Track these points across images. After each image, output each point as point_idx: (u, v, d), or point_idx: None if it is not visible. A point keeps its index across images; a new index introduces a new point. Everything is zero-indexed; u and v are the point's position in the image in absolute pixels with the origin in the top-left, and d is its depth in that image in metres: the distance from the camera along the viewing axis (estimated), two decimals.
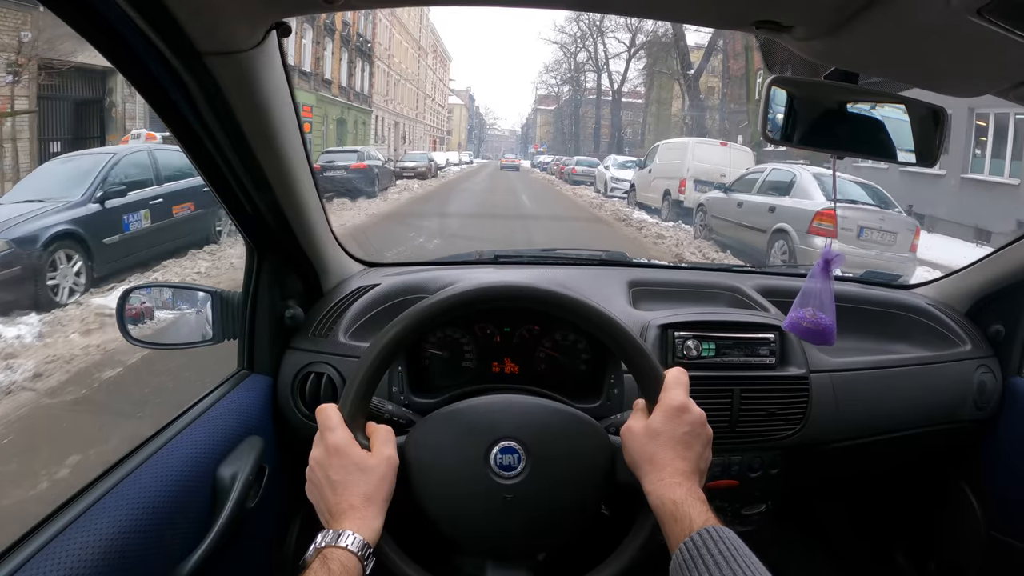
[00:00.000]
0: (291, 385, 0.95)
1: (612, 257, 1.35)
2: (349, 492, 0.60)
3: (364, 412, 0.66)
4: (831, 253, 0.83)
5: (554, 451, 0.66)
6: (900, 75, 0.76)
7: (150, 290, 1.03)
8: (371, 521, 0.59)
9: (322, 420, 0.64)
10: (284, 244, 0.92)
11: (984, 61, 0.65)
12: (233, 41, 0.60)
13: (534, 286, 0.69)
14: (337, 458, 0.61)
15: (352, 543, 0.57)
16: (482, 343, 0.98)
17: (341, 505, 0.60)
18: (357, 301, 1.02)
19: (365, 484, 0.61)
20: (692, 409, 0.64)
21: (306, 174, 0.85)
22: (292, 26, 0.64)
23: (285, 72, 0.71)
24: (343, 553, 0.56)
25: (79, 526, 0.62)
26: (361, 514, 0.59)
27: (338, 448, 0.62)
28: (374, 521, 0.60)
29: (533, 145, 63.81)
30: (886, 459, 1.19)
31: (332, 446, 0.62)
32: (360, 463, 0.61)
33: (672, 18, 0.66)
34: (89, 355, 3.51)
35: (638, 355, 0.68)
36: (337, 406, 0.65)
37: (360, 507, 0.59)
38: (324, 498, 0.61)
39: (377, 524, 0.60)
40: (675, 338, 1.00)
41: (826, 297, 0.82)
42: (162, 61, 0.59)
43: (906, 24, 0.57)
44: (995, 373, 1.17)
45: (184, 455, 0.77)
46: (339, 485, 0.61)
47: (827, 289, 0.82)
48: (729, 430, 0.98)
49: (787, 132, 0.75)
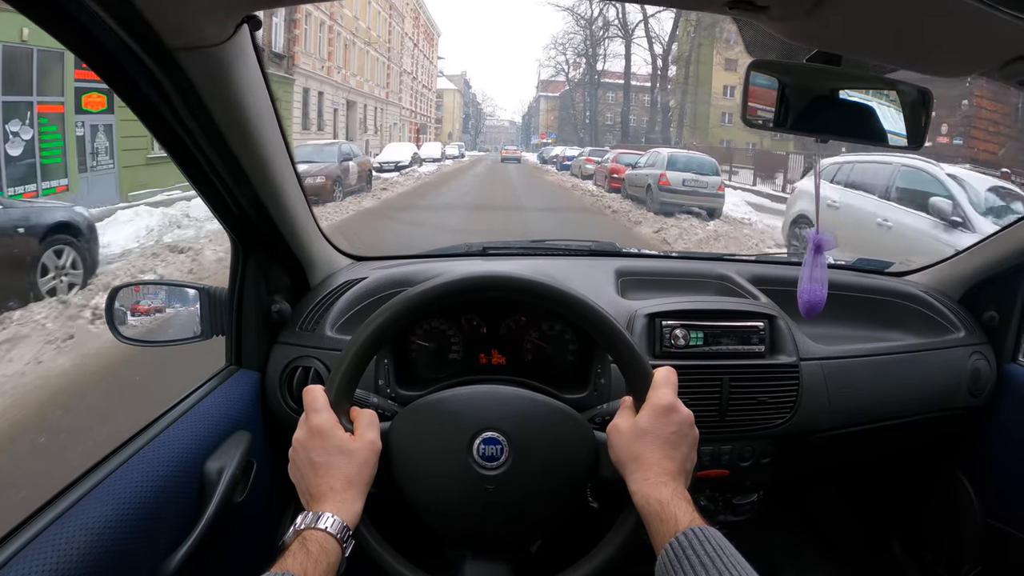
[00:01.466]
0: (279, 379, 0.96)
1: (601, 247, 1.35)
2: (330, 475, 0.61)
3: (349, 397, 0.67)
4: (819, 238, 0.83)
5: (537, 443, 0.66)
6: (883, 56, 0.75)
7: (139, 288, 1.04)
8: (351, 504, 0.60)
9: (308, 401, 0.64)
10: (268, 239, 0.91)
11: (969, 40, 0.64)
12: (203, 36, 0.59)
13: (523, 276, 0.69)
14: (320, 440, 0.62)
15: (331, 525, 0.57)
16: (468, 334, 0.98)
17: (322, 487, 0.60)
18: (344, 295, 1.02)
19: (346, 467, 0.61)
20: (680, 409, 0.64)
21: (287, 168, 0.85)
22: (262, 19, 0.63)
23: (260, 65, 0.70)
24: (322, 535, 0.56)
25: (65, 522, 0.62)
26: (341, 497, 0.60)
27: (322, 430, 0.62)
28: (354, 504, 0.60)
29: (539, 135, 54.54)
30: (880, 447, 1.18)
31: (316, 427, 0.62)
32: (342, 446, 0.62)
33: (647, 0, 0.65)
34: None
35: (627, 351, 0.67)
36: (324, 388, 0.65)
37: (340, 490, 0.60)
38: (305, 479, 0.62)
39: (357, 507, 0.60)
40: (663, 327, 0.99)
41: (820, 276, 0.85)
42: (133, 58, 0.58)
43: (886, 1, 0.56)
44: (989, 360, 1.16)
45: (171, 450, 0.77)
46: (321, 467, 0.61)
47: (822, 270, 0.85)
48: (719, 419, 0.98)
49: (771, 117, 0.75)
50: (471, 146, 66.48)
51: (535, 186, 17.54)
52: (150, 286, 1.05)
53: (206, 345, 1.01)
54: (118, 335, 0.96)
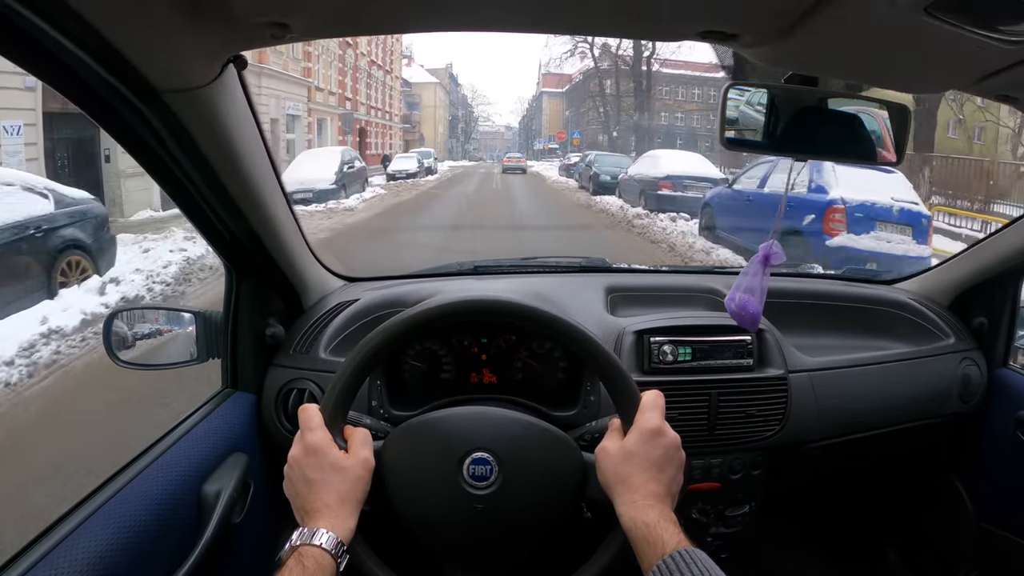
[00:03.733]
0: (274, 402, 0.97)
1: (592, 263, 1.36)
2: (325, 491, 0.62)
3: (343, 415, 0.68)
4: (770, 249, 0.84)
5: (526, 464, 0.67)
6: (859, 76, 0.77)
7: (135, 312, 1.06)
8: (345, 520, 0.61)
9: (303, 420, 0.66)
10: (261, 264, 0.93)
11: (942, 58, 0.65)
12: (189, 78, 0.61)
13: (514, 301, 0.70)
14: (315, 457, 0.63)
15: (326, 541, 0.58)
16: (460, 354, 0.99)
17: (316, 503, 0.61)
18: (337, 317, 1.04)
19: (340, 484, 0.62)
20: (667, 433, 0.65)
21: (278, 197, 0.87)
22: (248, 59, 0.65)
23: (247, 101, 0.72)
24: (317, 551, 0.58)
25: (67, 547, 0.63)
26: (336, 513, 0.61)
27: (316, 448, 0.64)
28: (348, 521, 0.62)
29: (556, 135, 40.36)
30: (871, 455, 1.19)
31: (310, 445, 0.64)
32: (336, 463, 0.63)
33: (617, 33, 0.67)
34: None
35: (616, 374, 0.69)
36: (319, 407, 0.67)
37: (335, 506, 0.61)
38: (300, 496, 0.63)
39: (351, 524, 0.62)
40: (651, 344, 1.00)
41: (757, 288, 0.86)
42: (122, 100, 0.60)
43: (855, 26, 0.57)
44: (979, 365, 1.17)
45: (169, 474, 0.79)
46: (315, 484, 0.62)
47: (761, 282, 0.85)
48: (708, 433, 0.99)
49: (745, 137, 0.76)
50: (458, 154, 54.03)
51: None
52: (147, 310, 1.07)
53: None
54: (115, 359, 0.98)
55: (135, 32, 0.53)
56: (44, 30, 0.48)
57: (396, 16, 0.59)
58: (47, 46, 0.51)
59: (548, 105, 50.24)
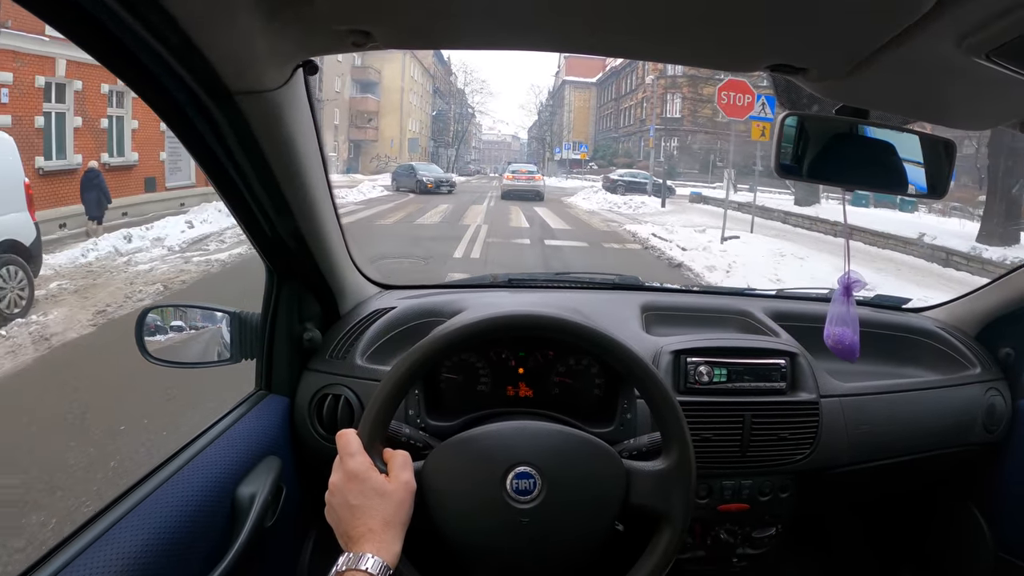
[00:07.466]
0: (308, 406, 0.97)
1: (625, 281, 1.36)
2: (368, 516, 0.62)
3: (382, 437, 0.68)
4: (850, 279, 0.85)
5: (569, 476, 0.67)
6: (910, 111, 0.78)
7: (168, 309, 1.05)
8: (390, 544, 0.61)
9: (342, 445, 0.66)
10: (303, 268, 0.93)
11: (994, 99, 0.67)
12: (262, 81, 0.62)
13: (558, 316, 0.71)
14: (357, 483, 0.63)
15: (372, 566, 0.58)
16: (497, 367, 0.99)
17: (360, 528, 0.61)
18: (374, 324, 1.04)
19: (384, 509, 0.62)
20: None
21: (328, 203, 0.88)
22: (318, 65, 0.66)
23: (311, 107, 0.73)
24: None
25: (98, 547, 0.63)
26: (380, 537, 0.60)
27: (357, 474, 0.63)
28: (393, 545, 0.61)
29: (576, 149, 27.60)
30: (896, 482, 1.19)
31: (351, 471, 0.64)
32: (379, 488, 0.63)
33: (688, 62, 0.67)
34: None
35: (658, 393, 0.70)
36: (356, 431, 0.67)
37: (379, 531, 0.61)
38: (343, 521, 0.63)
39: (396, 548, 0.61)
40: (687, 364, 1.01)
41: (847, 317, 0.87)
42: (193, 99, 0.61)
43: (917, 66, 0.59)
44: (1004, 396, 1.18)
45: (203, 476, 0.78)
46: (358, 509, 0.62)
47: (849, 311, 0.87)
48: (740, 455, 0.99)
49: (800, 167, 0.77)
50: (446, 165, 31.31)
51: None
52: (180, 308, 1.06)
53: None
54: (146, 355, 0.97)
55: (217, 31, 0.53)
56: (129, 25, 0.49)
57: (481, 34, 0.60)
58: (129, 44, 0.52)
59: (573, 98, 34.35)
